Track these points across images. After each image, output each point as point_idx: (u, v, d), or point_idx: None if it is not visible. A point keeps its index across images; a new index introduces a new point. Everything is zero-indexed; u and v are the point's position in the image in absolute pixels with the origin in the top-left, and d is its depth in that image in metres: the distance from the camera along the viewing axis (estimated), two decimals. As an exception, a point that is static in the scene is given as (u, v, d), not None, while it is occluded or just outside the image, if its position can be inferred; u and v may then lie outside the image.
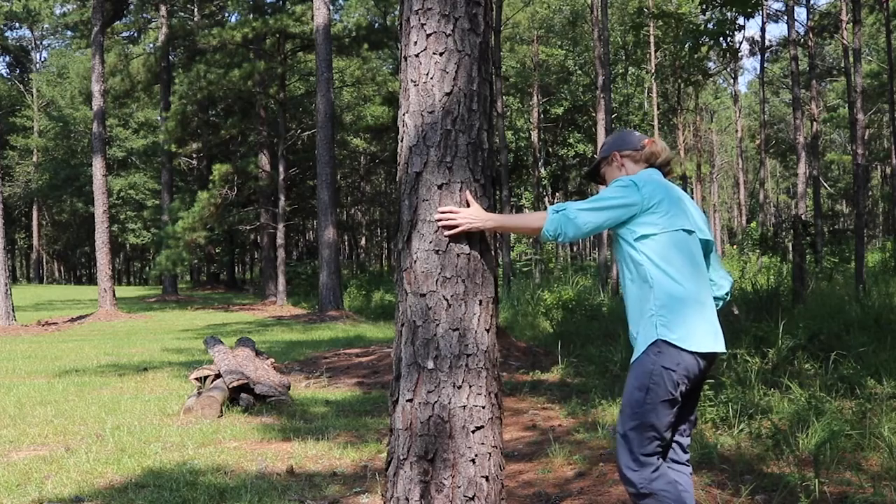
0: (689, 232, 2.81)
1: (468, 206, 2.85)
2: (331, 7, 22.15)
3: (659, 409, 2.71)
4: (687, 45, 9.19)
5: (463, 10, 2.89)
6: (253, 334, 13.23)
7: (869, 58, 32.89)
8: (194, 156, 34.11)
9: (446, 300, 2.84)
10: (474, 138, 2.91)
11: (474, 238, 2.89)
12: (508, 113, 35.48)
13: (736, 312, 8.60)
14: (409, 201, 2.91)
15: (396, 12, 29.04)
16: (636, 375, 2.75)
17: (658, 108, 32.42)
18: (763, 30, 28.30)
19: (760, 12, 25.04)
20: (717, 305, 2.98)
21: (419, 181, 2.88)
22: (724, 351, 2.83)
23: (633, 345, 2.88)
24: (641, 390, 2.72)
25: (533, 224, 2.84)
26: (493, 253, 2.98)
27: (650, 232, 2.76)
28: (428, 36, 2.89)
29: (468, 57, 2.90)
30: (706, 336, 2.74)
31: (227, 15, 33.37)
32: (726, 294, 3.03)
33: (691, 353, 2.70)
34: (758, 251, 22.95)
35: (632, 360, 2.82)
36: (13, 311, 17.07)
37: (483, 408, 2.84)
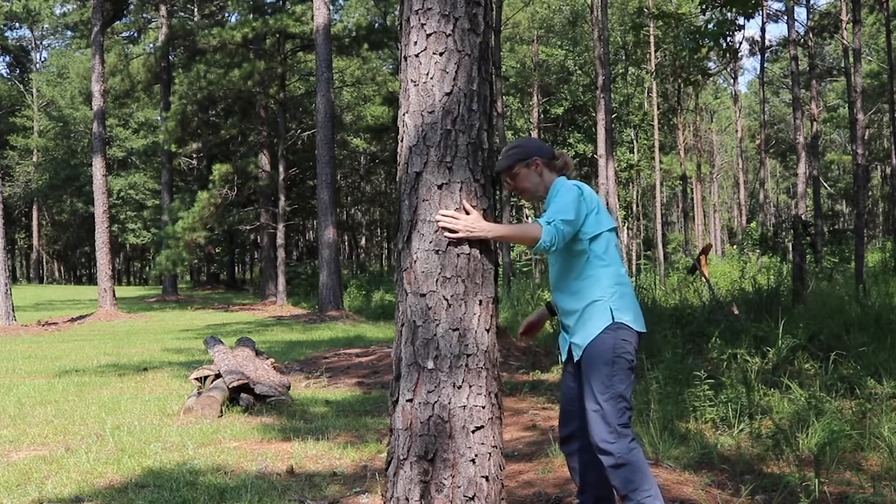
0: (614, 230, 3.16)
1: (468, 212, 2.86)
2: (331, 7, 22.15)
3: (624, 377, 2.99)
4: (687, 46, 9.18)
5: (463, 10, 2.90)
6: (253, 334, 13.23)
7: (869, 58, 32.89)
8: (194, 156, 34.10)
9: (446, 300, 2.84)
10: (474, 138, 2.91)
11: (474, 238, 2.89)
12: (508, 113, 35.48)
13: (736, 312, 8.60)
14: (409, 201, 2.91)
15: (396, 12, 29.03)
16: (598, 353, 3.00)
17: (658, 108, 32.44)
18: (763, 30, 28.33)
19: (760, 12, 25.04)
20: None
21: (419, 181, 2.88)
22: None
23: (566, 332, 3.16)
24: (607, 364, 2.99)
25: (529, 235, 2.99)
26: (493, 253, 2.99)
27: (597, 232, 3.08)
28: (428, 36, 2.89)
29: (468, 57, 2.90)
30: (640, 318, 3.12)
31: (227, 15, 33.37)
32: None
33: (637, 332, 3.08)
34: (758, 251, 22.95)
35: (580, 345, 3.07)
36: (13, 311, 17.08)
37: (483, 408, 2.84)
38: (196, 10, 32.30)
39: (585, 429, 3.07)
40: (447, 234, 2.83)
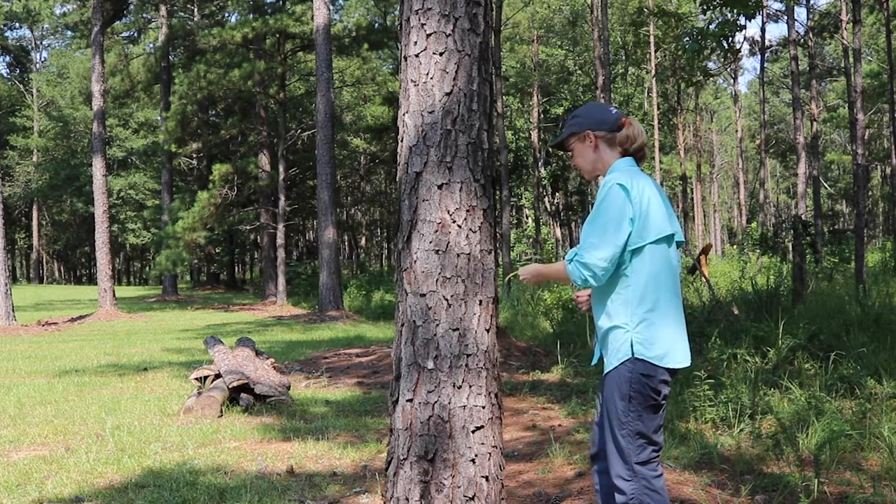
0: (671, 237, 2.74)
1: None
2: (331, 7, 22.15)
3: (644, 413, 2.69)
4: (692, 51, 9.16)
5: (463, 10, 2.90)
6: (253, 334, 13.23)
7: (869, 58, 32.89)
8: (194, 156, 34.11)
9: (446, 300, 2.84)
10: (474, 138, 2.91)
11: (474, 238, 2.89)
12: (508, 113, 35.48)
13: (736, 312, 8.59)
14: (409, 201, 2.92)
15: (396, 12, 29.04)
16: (616, 385, 2.70)
17: (658, 108, 32.42)
18: (763, 30, 28.32)
19: (760, 12, 25.06)
20: None
21: (419, 181, 2.89)
22: (689, 364, 2.81)
23: (600, 344, 2.83)
24: (623, 399, 2.69)
25: (563, 275, 2.77)
26: (493, 253, 2.99)
27: (637, 245, 2.66)
28: (428, 36, 2.89)
29: (468, 57, 2.90)
30: (678, 352, 2.73)
31: (227, 15, 33.38)
32: None
33: (666, 368, 2.70)
34: (758, 251, 22.95)
35: (605, 368, 2.77)
36: (13, 311, 17.07)
37: (483, 408, 2.84)
38: (196, 10, 32.30)
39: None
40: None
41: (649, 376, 2.67)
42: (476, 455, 2.81)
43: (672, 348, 2.70)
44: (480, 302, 2.88)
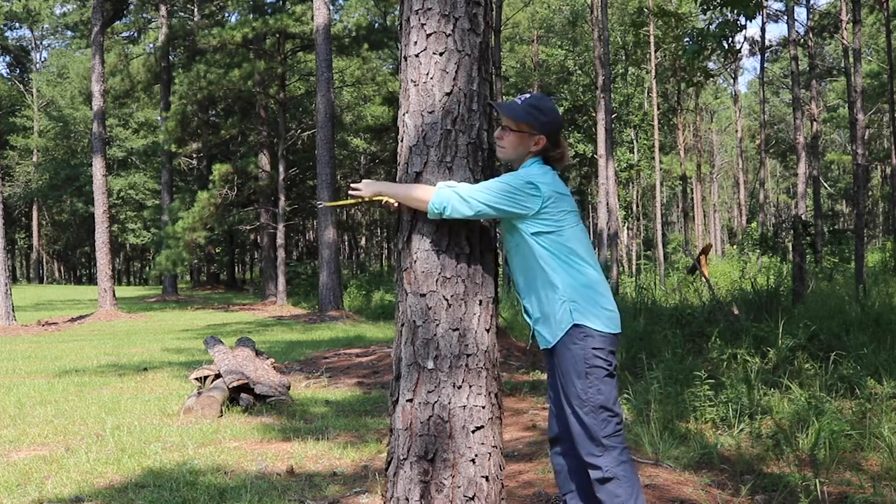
0: (577, 225, 2.90)
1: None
2: (331, 7, 22.15)
3: (602, 387, 2.80)
4: (692, 52, 9.15)
5: (463, 10, 2.90)
6: (253, 334, 13.22)
7: (869, 58, 32.90)
8: (194, 156, 34.10)
9: (446, 300, 2.84)
10: (474, 138, 2.91)
11: (474, 238, 2.90)
12: (508, 113, 35.38)
13: (736, 312, 8.59)
14: (409, 201, 2.91)
15: (396, 12, 29.03)
16: (570, 365, 2.81)
17: (658, 108, 32.41)
18: (763, 30, 28.37)
19: (760, 13, 25.07)
20: None
21: (419, 181, 2.89)
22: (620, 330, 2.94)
23: (528, 319, 2.95)
24: (580, 378, 2.80)
25: (419, 196, 2.82)
26: (493, 253, 2.99)
27: (546, 230, 2.82)
28: (428, 36, 2.89)
29: (468, 57, 2.90)
30: (613, 319, 2.87)
31: (227, 15, 33.36)
32: None
33: (609, 334, 2.84)
34: (758, 251, 22.96)
35: (549, 343, 2.87)
36: (13, 311, 17.07)
37: (483, 408, 2.84)
38: (196, 10, 32.30)
39: (568, 432, 2.93)
40: (353, 193, 2.97)
41: (599, 348, 2.80)
42: (476, 455, 2.81)
43: (606, 315, 2.84)
44: (480, 302, 2.88)
